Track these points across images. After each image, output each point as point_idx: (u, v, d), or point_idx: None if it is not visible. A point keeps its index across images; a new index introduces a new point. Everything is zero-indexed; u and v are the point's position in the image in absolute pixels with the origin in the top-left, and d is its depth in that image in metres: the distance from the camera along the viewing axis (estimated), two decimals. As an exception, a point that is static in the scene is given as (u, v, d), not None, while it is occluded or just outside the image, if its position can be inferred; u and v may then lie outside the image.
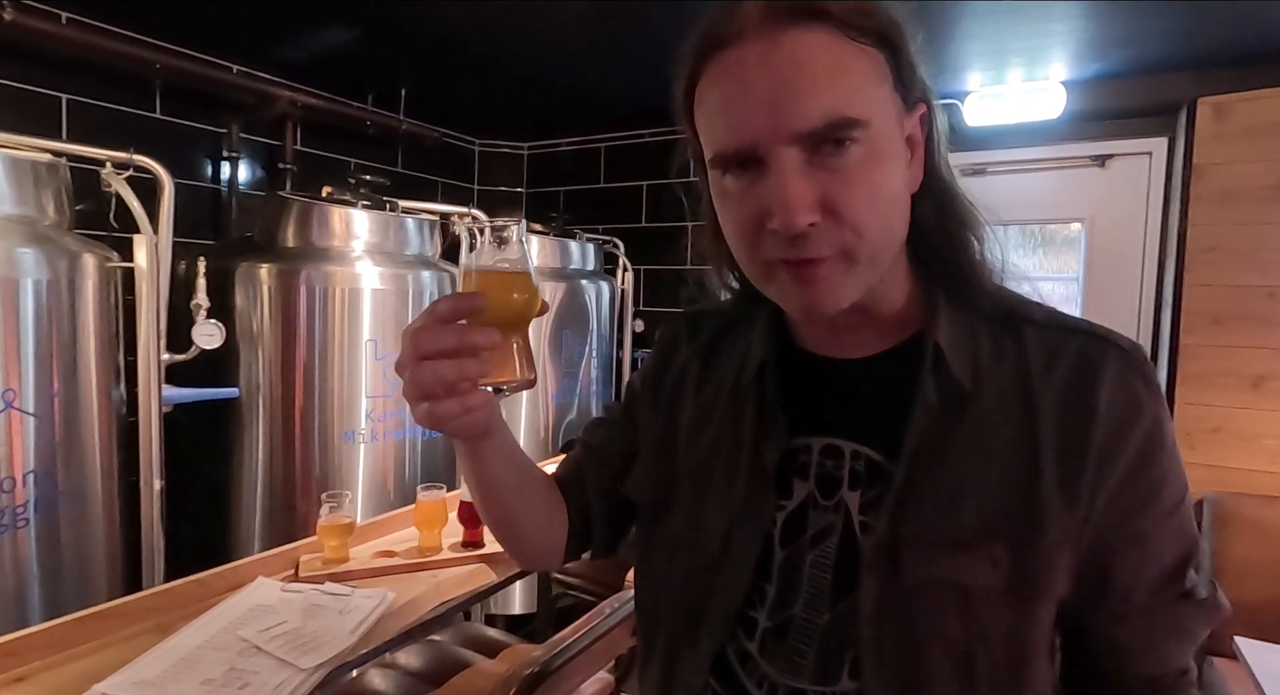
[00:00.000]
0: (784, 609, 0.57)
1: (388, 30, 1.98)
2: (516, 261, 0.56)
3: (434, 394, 0.51)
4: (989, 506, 0.51)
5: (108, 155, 1.53)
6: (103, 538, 1.46)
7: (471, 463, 0.62)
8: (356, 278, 1.81)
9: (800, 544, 0.57)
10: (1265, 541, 1.94)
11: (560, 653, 1.08)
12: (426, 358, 0.50)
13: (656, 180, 2.93)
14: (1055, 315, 0.57)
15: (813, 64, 0.47)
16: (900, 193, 0.52)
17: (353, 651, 1.03)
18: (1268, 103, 2.04)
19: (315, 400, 1.79)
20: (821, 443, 0.58)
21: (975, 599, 0.51)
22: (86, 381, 1.41)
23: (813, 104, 0.47)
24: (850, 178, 0.48)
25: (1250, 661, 1.44)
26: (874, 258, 0.51)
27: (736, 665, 0.58)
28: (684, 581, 0.62)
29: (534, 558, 0.76)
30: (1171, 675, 0.55)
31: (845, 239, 0.49)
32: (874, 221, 0.50)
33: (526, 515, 0.69)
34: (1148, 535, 0.52)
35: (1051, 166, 2.47)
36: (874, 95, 0.49)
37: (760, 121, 0.48)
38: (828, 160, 0.48)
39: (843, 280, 0.51)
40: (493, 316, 0.53)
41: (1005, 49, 1.99)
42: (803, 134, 0.47)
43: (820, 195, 0.48)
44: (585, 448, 0.75)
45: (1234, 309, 2.10)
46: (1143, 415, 0.52)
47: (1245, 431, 2.10)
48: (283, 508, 1.79)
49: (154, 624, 1.07)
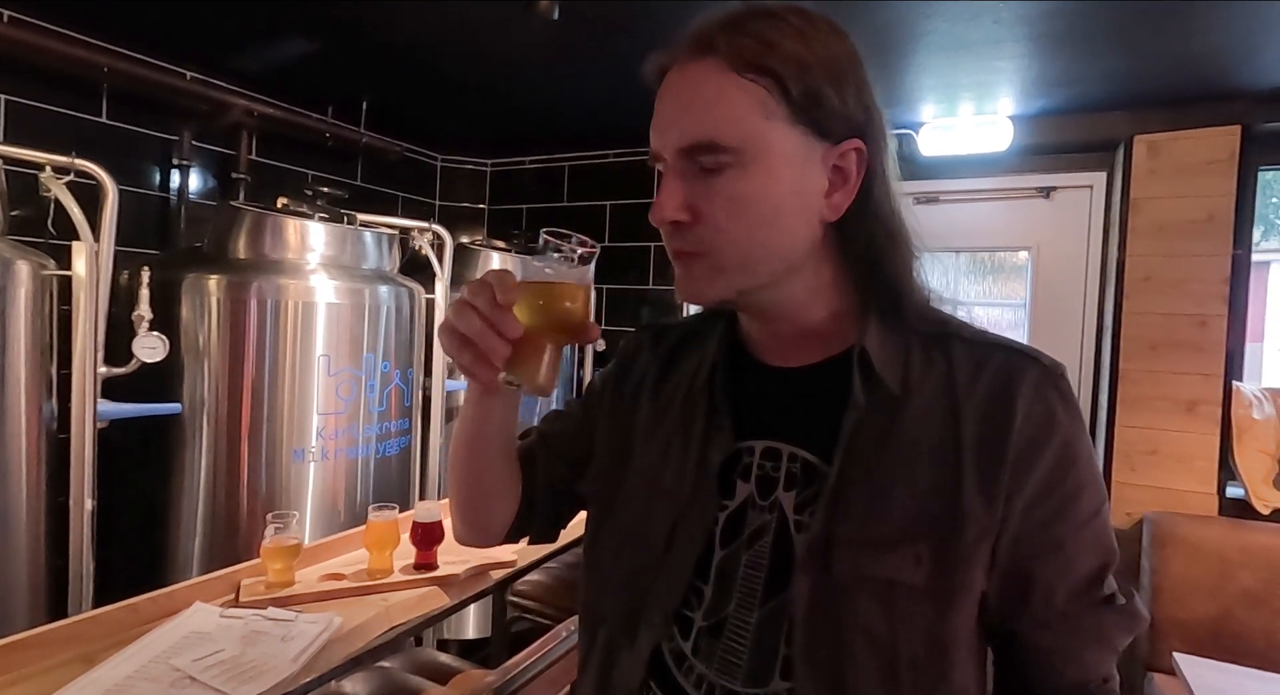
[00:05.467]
0: (719, 609, 0.59)
1: (349, 42, 1.96)
2: (564, 277, 0.61)
3: (457, 338, 0.58)
4: (914, 506, 0.55)
5: (47, 159, 1.47)
6: (25, 561, 1.38)
7: (473, 410, 0.68)
8: (310, 291, 1.77)
9: (738, 544, 0.60)
10: (1201, 560, 2.02)
11: (514, 678, 1.06)
12: (466, 305, 0.57)
13: (619, 200, 2.95)
14: (982, 333, 0.61)
15: (696, 92, 0.56)
16: (779, 212, 0.57)
17: (294, 680, 0.98)
18: (1198, 142, 2.17)
19: (263, 417, 1.73)
20: (763, 445, 0.62)
21: (900, 595, 0.54)
22: (14, 394, 1.34)
23: (688, 126, 0.56)
24: (714, 190, 0.56)
25: (1189, 677, 1.49)
26: (743, 262, 0.58)
27: (672, 665, 0.60)
28: (627, 579, 0.64)
29: (481, 529, 0.77)
30: (1094, 683, 0.58)
31: (703, 238, 0.57)
32: (732, 228, 0.56)
33: (494, 484, 0.72)
34: (1065, 542, 0.56)
35: (1000, 197, 2.57)
36: (753, 124, 0.55)
37: (659, 135, 0.58)
38: (703, 174, 0.56)
39: (710, 277, 0.58)
40: (523, 314, 0.58)
41: (956, 84, 2.08)
42: (680, 149, 0.57)
43: (689, 200, 0.57)
44: (540, 436, 0.78)
45: (1168, 336, 2.21)
46: (1058, 428, 0.56)
47: (1180, 453, 2.20)
48: (225, 530, 1.72)
49: (78, 654, 1.01)
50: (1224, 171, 2.13)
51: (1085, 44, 1.76)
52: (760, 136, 0.55)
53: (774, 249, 0.58)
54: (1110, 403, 2.28)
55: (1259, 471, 2.12)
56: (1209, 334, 2.16)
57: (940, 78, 2.03)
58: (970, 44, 1.78)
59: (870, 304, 0.61)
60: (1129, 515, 2.24)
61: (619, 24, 1.73)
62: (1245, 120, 2.10)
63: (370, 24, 1.81)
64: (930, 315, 0.62)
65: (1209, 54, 1.81)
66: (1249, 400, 2.17)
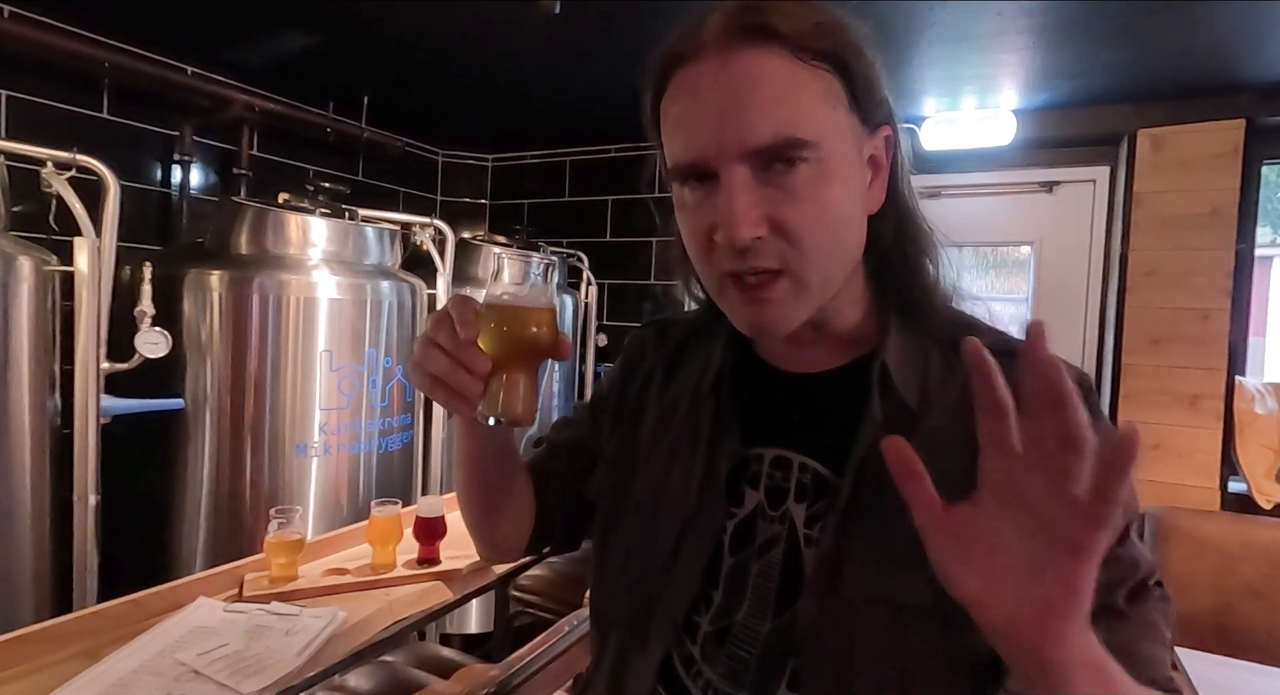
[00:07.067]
0: (728, 615, 0.58)
1: (350, 37, 1.95)
2: (525, 298, 0.56)
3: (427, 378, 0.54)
4: None
5: (49, 154, 1.46)
6: (30, 557, 1.38)
7: (466, 441, 0.65)
8: (312, 286, 1.77)
9: (748, 552, 0.58)
10: (1203, 554, 2.02)
11: (517, 672, 1.06)
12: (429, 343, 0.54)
13: (621, 195, 2.94)
14: (1005, 339, 0.57)
15: (763, 83, 0.49)
16: (852, 213, 0.53)
17: (299, 674, 0.99)
18: (1201, 136, 2.16)
19: (266, 412, 1.73)
20: (773, 453, 0.60)
21: (911, 617, 0.51)
22: (18, 390, 1.34)
23: (761, 122, 0.48)
24: (798, 196, 0.50)
25: (1191, 671, 1.49)
26: (824, 279, 0.53)
27: (681, 670, 0.59)
28: (636, 585, 0.62)
29: (499, 547, 0.76)
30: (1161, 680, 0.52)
31: (789, 254, 0.51)
32: (820, 239, 0.51)
33: (505, 503, 0.70)
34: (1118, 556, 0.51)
35: (1003, 191, 2.56)
36: (825, 116, 0.50)
37: (711, 137, 0.50)
38: (777, 178, 0.50)
39: (793, 303, 0.52)
40: (489, 345, 0.54)
41: (959, 77, 2.07)
42: (750, 151, 0.49)
43: (767, 211, 0.50)
44: (550, 446, 0.76)
45: (1171, 330, 2.20)
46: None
47: (1183, 448, 2.19)
48: (228, 525, 1.72)
49: (84, 648, 1.01)
50: (1228, 165, 2.12)
51: (1089, 37, 1.75)
52: (834, 130, 0.51)
53: (849, 255, 0.54)
54: (1113, 397, 2.28)
55: (1261, 466, 2.12)
56: (1212, 328, 2.15)
57: (943, 71, 2.02)
58: (973, 37, 1.77)
59: (890, 304, 0.59)
60: (1131, 510, 2.24)
61: (620, 17, 1.72)
62: (1249, 114, 2.09)
63: (371, 18, 1.80)
64: (951, 318, 0.59)
65: (1213, 47, 1.80)
66: (1251, 395, 2.17)
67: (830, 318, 0.58)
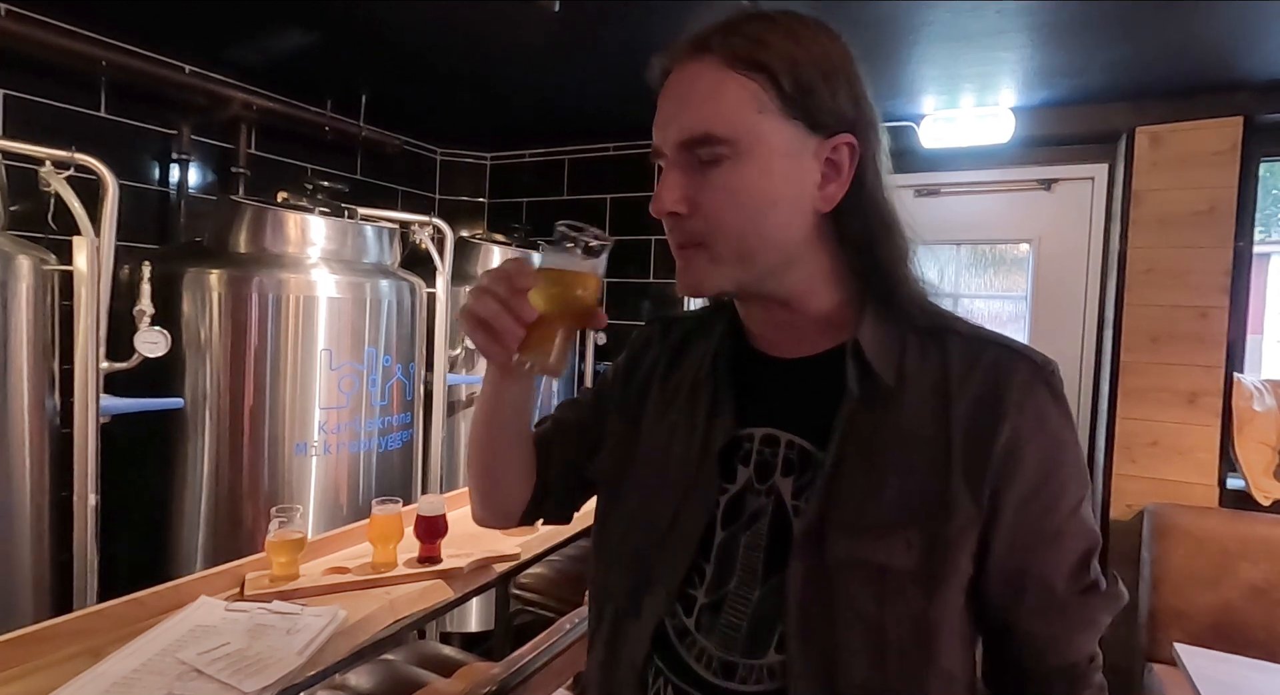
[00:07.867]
0: (719, 586, 0.62)
1: (348, 35, 1.95)
2: (578, 266, 0.65)
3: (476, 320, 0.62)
4: (906, 494, 0.57)
5: (47, 153, 1.46)
6: (30, 556, 1.38)
7: (491, 390, 0.72)
8: (311, 285, 1.77)
9: (737, 525, 0.63)
10: (1201, 551, 2.03)
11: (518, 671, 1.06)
12: (485, 291, 0.61)
13: (620, 193, 2.94)
14: (977, 329, 0.63)
15: (694, 88, 0.59)
16: (775, 203, 0.59)
17: (300, 673, 0.99)
18: (1199, 133, 2.16)
19: (265, 411, 1.73)
20: (762, 432, 0.64)
21: (890, 579, 0.56)
22: (17, 390, 1.34)
23: (686, 120, 0.59)
24: (713, 183, 0.58)
25: (1189, 668, 1.50)
26: (740, 254, 0.60)
27: (675, 639, 0.63)
28: (633, 557, 0.67)
29: (496, 509, 0.80)
30: (1082, 662, 0.61)
31: (704, 230, 0.60)
32: (732, 220, 0.59)
33: (511, 465, 0.76)
34: (1059, 534, 0.59)
35: (1001, 189, 2.56)
36: (747, 118, 0.57)
37: (661, 131, 0.61)
38: (702, 167, 0.59)
39: (708, 269, 0.61)
40: (538, 299, 0.62)
41: (957, 75, 2.07)
42: (677, 144, 0.59)
43: (690, 193, 0.59)
44: (555, 423, 0.82)
45: (1169, 328, 2.20)
46: (1046, 424, 0.58)
47: (1181, 445, 2.20)
48: (228, 524, 1.72)
49: (85, 648, 1.01)
50: (1226, 163, 2.12)
51: (1087, 34, 1.75)
52: (754, 129, 0.57)
53: (769, 239, 0.60)
54: (1111, 394, 2.28)
55: (1260, 463, 2.12)
56: (1210, 326, 2.15)
57: (941, 69, 2.02)
58: (972, 34, 1.77)
59: (867, 294, 0.64)
60: (1130, 507, 2.25)
61: (618, 16, 1.72)
62: (1247, 111, 2.09)
63: (369, 17, 1.80)
64: (928, 308, 0.64)
65: (1211, 45, 1.80)
66: (1250, 392, 2.17)
67: (801, 303, 0.64)
